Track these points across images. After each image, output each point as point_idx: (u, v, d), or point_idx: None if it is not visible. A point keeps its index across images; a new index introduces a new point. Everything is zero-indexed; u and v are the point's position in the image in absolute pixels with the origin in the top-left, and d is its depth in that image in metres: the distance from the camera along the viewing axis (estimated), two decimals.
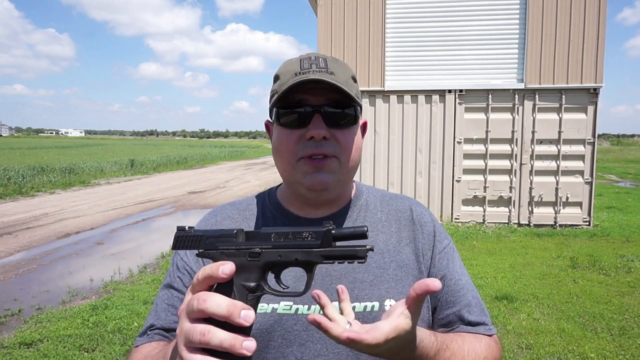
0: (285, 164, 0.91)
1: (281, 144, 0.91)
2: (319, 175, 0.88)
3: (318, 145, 0.87)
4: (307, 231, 0.62)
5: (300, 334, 0.89)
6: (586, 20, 8.46)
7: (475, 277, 5.71)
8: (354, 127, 0.92)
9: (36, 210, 10.96)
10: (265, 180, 18.20)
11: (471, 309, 0.96)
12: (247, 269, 0.63)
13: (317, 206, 0.97)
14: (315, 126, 0.86)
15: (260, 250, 0.63)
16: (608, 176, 20.11)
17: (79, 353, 3.81)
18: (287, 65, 0.92)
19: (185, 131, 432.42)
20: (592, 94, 8.51)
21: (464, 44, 8.90)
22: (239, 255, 0.63)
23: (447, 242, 1.01)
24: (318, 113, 0.87)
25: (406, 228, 0.99)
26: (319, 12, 9.06)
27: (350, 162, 0.92)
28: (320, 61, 0.89)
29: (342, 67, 0.91)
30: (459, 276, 0.98)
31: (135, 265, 6.38)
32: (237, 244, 0.64)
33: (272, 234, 0.63)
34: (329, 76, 0.86)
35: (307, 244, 0.62)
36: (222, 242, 0.65)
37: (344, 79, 0.89)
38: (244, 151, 48.91)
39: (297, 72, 0.87)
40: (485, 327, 0.95)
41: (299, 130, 0.88)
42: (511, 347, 3.88)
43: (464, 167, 8.98)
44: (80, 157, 31.21)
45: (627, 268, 6.04)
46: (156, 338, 0.93)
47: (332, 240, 0.62)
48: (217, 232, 0.66)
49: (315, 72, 0.86)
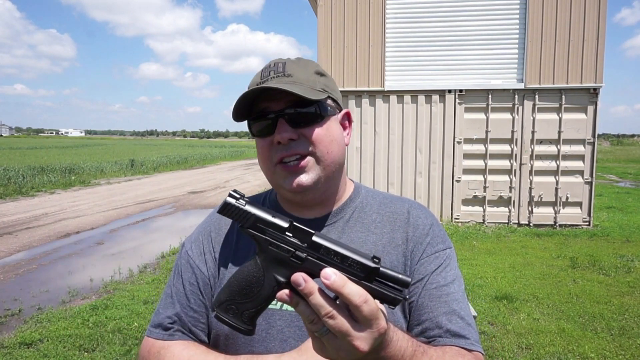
0: (266, 171, 0.94)
1: (259, 152, 0.94)
2: (296, 178, 0.89)
3: (287, 148, 0.88)
4: (355, 260, 0.63)
5: (283, 330, 0.90)
6: (586, 20, 8.46)
7: (475, 277, 5.71)
8: (325, 121, 0.91)
9: (36, 210, 10.96)
10: (264, 180, 18.17)
11: (452, 318, 0.89)
12: (285, 265, 0.65)
13: (309, 206, 0.97)
14: (279, 130, 0.88)
15: (306, 257, 0.64)
16: (608, 176, 20.10)
17: (79, 353, 3.81)
18: (254, 77, 0.95)
19: (185, 131, 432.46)
20: (592, 94, 8.51)
21: (464, 44, 8.90)
22: (283, 250, 0.65)
23: (441, 247, 0.97)
24: (281, 118, 0.88)
25: (400, 229, 0.98)
26: (319, 12, 9.06)
27: (329, 156, 0.91)
28: (278, 66, 0.91)
29: (302, 66, 0.92)
30: (444, 282, 0.92)
31: (136, 265, 6.38)
32: (285, 239, 0.65)
33: (322, 247, 0.64)
34: (284, 79, 0.88)
35: (351, 273, 0.63)
36: (270, 229, 0.66)
37: (305, 77, 0.90)
38: (244, 151, 48.91)
39: (258, 83, 0.90)
40: (466, 340, 0.88)
41: (269, 137, 0.90)
42: (511, 347, 3.88)
43: (464, 167, 8.98)
44: (81, 157, 31.21)
45: (627, 268, 6.04)
46: (178, 336, 0.94)
47: (375, 277, 0.63)
48: (270, 214, 0.67)
49: (273, 78, 0.89)
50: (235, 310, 0.68)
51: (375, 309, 0.61)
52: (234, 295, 0.68)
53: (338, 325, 0.60)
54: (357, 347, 0.61)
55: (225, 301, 0.68)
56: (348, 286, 0.60)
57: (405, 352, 0.70)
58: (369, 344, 0.62)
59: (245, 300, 0.67)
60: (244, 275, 0.67)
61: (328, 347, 0.63)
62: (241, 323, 0.67)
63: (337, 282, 0.60)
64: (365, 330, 0.61)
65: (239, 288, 0.67)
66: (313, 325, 0.62)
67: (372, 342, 0.62)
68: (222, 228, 1.02)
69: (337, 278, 0.60)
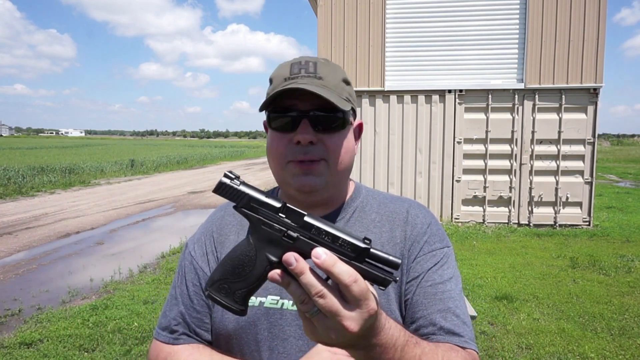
0: (276, 166, 0.94)
1: (272, 146, 0.93)
2: (306, 178, 0.90)
3: (305, 151, 0.89)
4: (346, 240, 0.63)
5: (284, 328, 0.91)
6: (586, 20, 8.47)
7: (475, 277, 5.71)
8: (344, 131, 0.93)
9: (36, 210, 10.96)
10: (265, 180, 18.20)
11: (447, 315, 0.88)
12: (277, 244, 0.65)
13: (311, 207, 0.97)
14: (302, 131, 0.88)
15: (297, 237, 0.65)
16: (608, 176, 20.10)
17: (79, 353, 3.81)
18: (279, 69, 0.94)
19: (185, 131, 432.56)
20: (592, 94, 8.51)
21: (464, 44, 8.90)
22: (276, 230, 0.66)
23: (439, 245, 0.97)
24: (305, 118, 0.88)
25: (399, 228, 0.98)
26: (319, 12, 9.06)
27: (340, 165, 0.93)
28: (309, 66, 0.90)
29: (332, 71, 0.92)
30: (440, 280, 0.92)
31: (136, 265, 6.38)
32: (278, 219, 0.66)
33: (314, 227, 0.65)
34: (316, 81, 0.87)
35: (341, 252, 0.63)
36: (264, 209, 0.67)
37: (334, 83, 0.90)
38: (244, 151, 48.89)
39: (287, 78, 0.89)
40: (460, 338, 0.87)
41: (288, 134, 0.90)
42: (511, 347, 3.88)
43: (464, 167, 8.98)
44: (81, 157, 31.21)
45: (627, 268, 6.04)
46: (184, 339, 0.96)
47: (365, 257, 0.63)
48: (264, 195, 0.68)
49: (304, 77, 0.88)
50: (228, 289, 0.68)
51: (365, 289, 0.61)
52: (226, 274, 0.68)
53: (328, 304, 0.60)
54: (347, 327, 0.61)
55: (217, 280, 0.68)
56: (338, 265, 0.60)
57: (397, 340, 0.70)
58: (358, 325, 0.62)
59: (238, 279, 0.67)
60: (237, 255, 0.68)
61: (318, 328, 0.63)
62: (233, 303, 0.68)
63: (328, 261, 0.60)
64: (355, 310, 0.61)
65: (232, 267, 0.68)
66: (304, 306, 0.62)
67: (362, 323, 0.62)
68: (224, 228, 1.03)
69: (328, 257, 0.60)
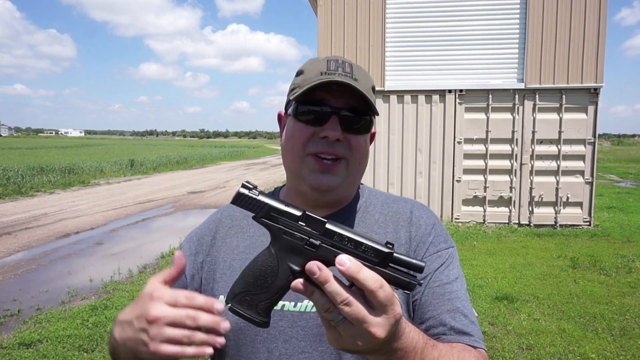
0: (294, 157, 0.93)
1: (294, 136, 0.92)
2: (324, 177, 0.91)
3: (331, 146, 0.89)
4: (369, 246, 0.63)
5: (286, 330, 0.91)
6: (586, 20, 8.46)
7: (475, 277, 5.70)
8: (366, 134, 0.95)
9: (36, 210, 10.95)
10: (265, 180, 18.19)
11: (456, 315, 0.89)
12: (299, 253, 0.65)
13: (318, 206, 0.97)
14: (331, 127, 0.88)
15: (320, 244, 0.64)
16: (608, 176, 20.10)
17: (79, 353, 3.80)
18: (313, 62, 0.94)
19: (185, 131, 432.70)
20: (592, 94, 8.50)
21: (464, 44, 8.89)
22: (297, 239, 0.65)
23: (444, 246, 0.98)
24: (336, 115, 0.89)
25: (403, 229, 0.98)
26: (319, 12, 9.05)
27: (359, 167, 0.95)
28: (346, 66, 0.92)
29: (365, 76, 0.94)
30: (447, 280, 0.93)
31: (135, 266, 6.38)
32: (299, 227, 0.65)
33: (336, 234, 0.64)
34: (353, 82, 0.88)
35: (365, 258, 0.63)
36: (284, 218, 0.66)
37: (366, 88, 0.91)
38: (243, 151, 48.91)
39: (323, 72, 0.89)
40: (470, 337, 0.88)
41: (314, 127, 0.90)
42: (512, 347, 3.87)
43: (464, 167, 8.97)
44: (80, 157, 31.20)
45: (627, 268, 6.03)
46: None
47: (389, 262, 0.63)
48: (283, 204, 0.67)
49: (342, 75, 0.89)
50: (250, 302, 0.67)
51: (390, 294, 0.61)
52: (248, 286, 0.67)
53: (354, 312, 0.60)
54: (374, 334, 0.61)
55: (239, 293, 0.68)
56: (363, 272, 0.60)
57: (417, 344, 0.70)
58: (385, 330, 0.61)
59: (260, 291, 0.67)
60: (259, 266, 0.67)
61: (344, 336, 0.62)
62: (256, 315, 0.67)
63: (352, 267, 0.60)
64: (381, 316, 0.61)
65: (254, 279, 0.67)
66: (329, 314, 0.61)
67: (388, 329, 0.62)
68: (219, 231, 1.03)
69: (352, 264, 0.60)
